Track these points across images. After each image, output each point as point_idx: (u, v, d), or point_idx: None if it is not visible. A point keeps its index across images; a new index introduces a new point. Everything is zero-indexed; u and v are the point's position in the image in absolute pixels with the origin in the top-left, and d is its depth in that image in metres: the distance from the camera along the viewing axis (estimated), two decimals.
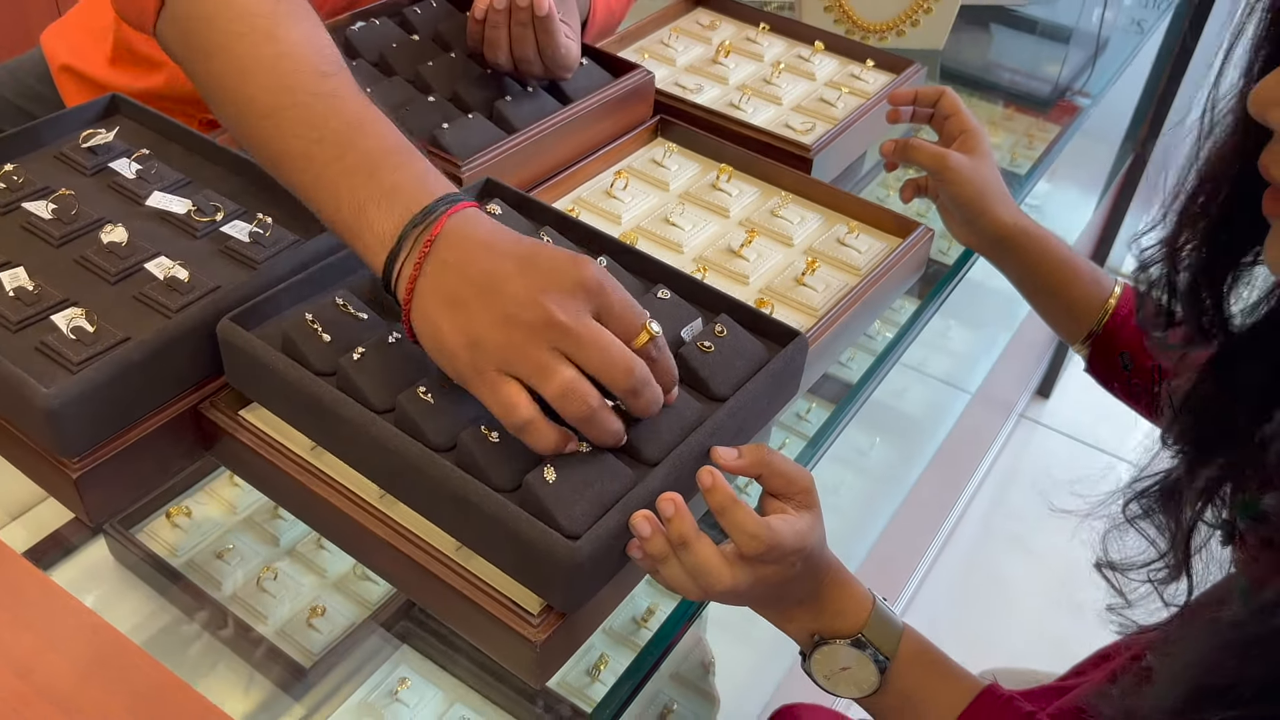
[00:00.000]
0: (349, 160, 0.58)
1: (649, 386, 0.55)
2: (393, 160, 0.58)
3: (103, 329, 0.63)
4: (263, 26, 0.61)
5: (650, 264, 0.71)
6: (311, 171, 0.59)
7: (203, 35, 0.63)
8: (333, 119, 0.59)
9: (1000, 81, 1.41)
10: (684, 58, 1.05)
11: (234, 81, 0.62)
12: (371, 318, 0.65)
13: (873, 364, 0.85)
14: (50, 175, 0.76)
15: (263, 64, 0.60)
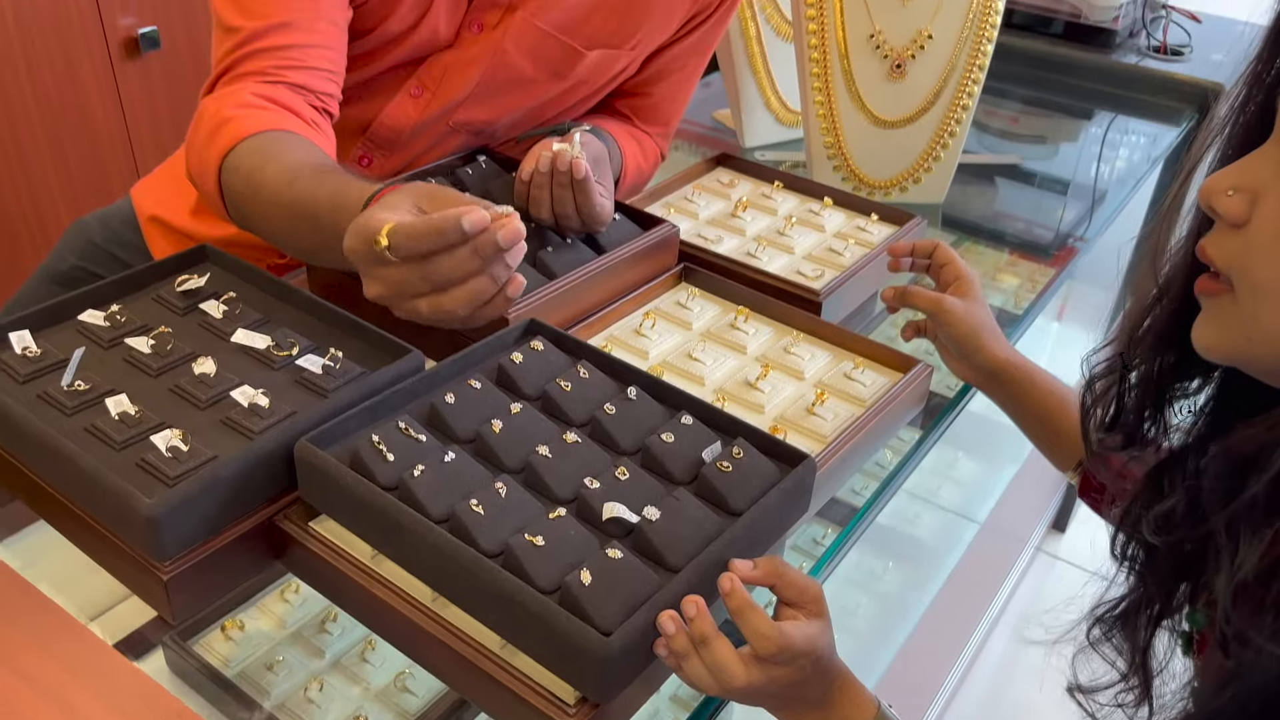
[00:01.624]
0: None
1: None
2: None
3: (195, 448, 0.72)
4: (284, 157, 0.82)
5: (675, 394, 0.80)
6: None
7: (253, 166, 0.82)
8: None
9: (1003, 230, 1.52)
10: (706, 212, 1.17)
11: (277, 176, 0.79)
12: (429, 440, 0.74)
13: (878, 488, 0.92)
14: (149, 314, 0.87)
15: (295, 164, 0.80)
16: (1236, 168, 0.56)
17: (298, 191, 0.79)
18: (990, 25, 1.22)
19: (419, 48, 1.03)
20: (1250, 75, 0.58)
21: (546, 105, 1.10)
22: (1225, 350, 0.56)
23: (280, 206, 0.81)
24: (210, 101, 0.90)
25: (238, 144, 0.85)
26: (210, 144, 0.87)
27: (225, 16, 0.91)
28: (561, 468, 0.72)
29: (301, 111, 0.89)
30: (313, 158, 0.81)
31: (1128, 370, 0.65)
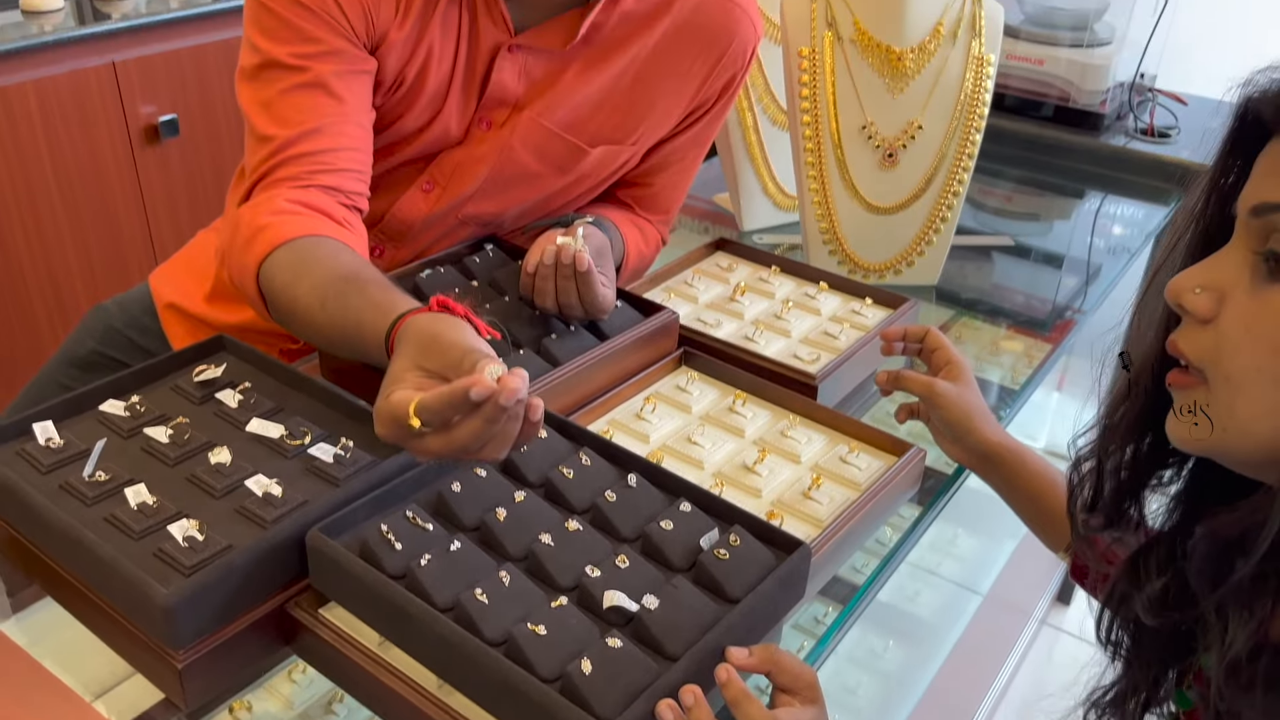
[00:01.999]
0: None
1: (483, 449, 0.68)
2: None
3: (210, 537, 0.75)
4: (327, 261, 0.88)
5: (673, 481, 0.82)
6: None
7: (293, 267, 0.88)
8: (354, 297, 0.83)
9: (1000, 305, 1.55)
10: (705, 296, 1.21)
11: (308, 296, 0.85)
12: (436, 528, 0.76)
13: (878, 566, 0.94)
14: (168, 404, 0.90)
15: (326, 279, 0.85)
16: (1202, 268, 0.59)
17: (329, 314, 0.83)
18: (979, 115, 1.27)
19: (431, 144, 1.08)
20: (1208, 183, 0.62)
21: (552, 198, 1.15)
22: (1201, 443, 0.59)
23: (313, 327, 0.87)
24: (246, 209, 0.94)
25: (273, 251, 0.90)
26: (247, 251, 0.91)
27: (259, 126, 0.96)
28: (563, 556, 0.74)
29: (333, 212, 0.94)
30: (340, 268, 0.85)
31: (1106, 455, 0.68)
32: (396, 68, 1.01)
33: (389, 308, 0.77)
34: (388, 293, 0.81)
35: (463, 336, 0.69)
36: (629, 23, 1.07)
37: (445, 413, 0.65)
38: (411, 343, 0.71)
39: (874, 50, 1.24)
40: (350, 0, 0.95)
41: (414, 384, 0.69)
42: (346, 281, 0.84)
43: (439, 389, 0.65)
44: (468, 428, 0.66)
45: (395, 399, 0.67)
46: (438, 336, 0.69)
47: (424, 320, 0.72)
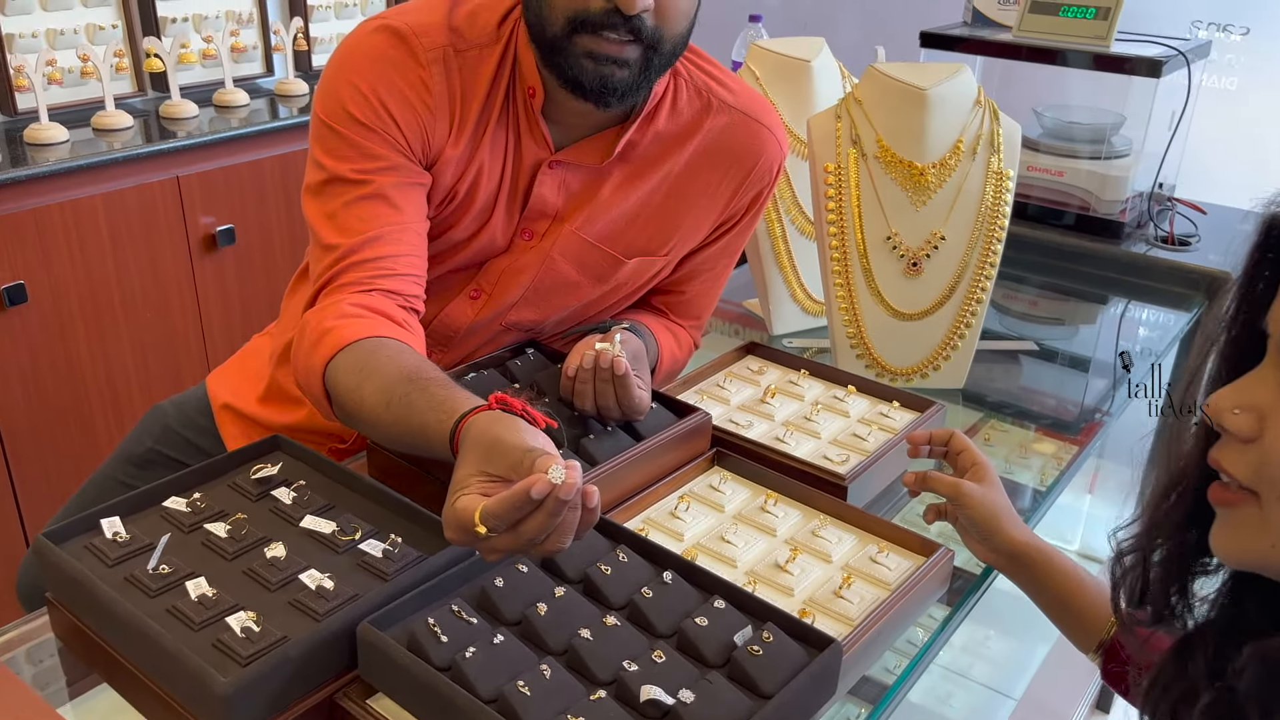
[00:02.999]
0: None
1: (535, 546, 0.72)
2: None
3: (266, 629, 0.79)
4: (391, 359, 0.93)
5: (708, 578, 0.86)
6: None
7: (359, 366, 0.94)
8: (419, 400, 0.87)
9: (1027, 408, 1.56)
10: (737, 398, 1.25)
11: (373, 397, 0.90)
12: (480, 622, 0.79)
13: (908, 666, 0.96)
14: (226, 501, 0.95)
15: (390, 380, 0.90)
16: (1238, 388, 0.60)
17: (394, 415, 0.88)
18: (999, 226, 1.32)
19: (478, 253, 1.15)
20: (1237, 292, 0.64)
21: (589, 305, 1.21)
22: (1250, 558, 0.60)
23: (379, 427, 0.92)
24: (313, 314, 1.00)
25: (338, 353, 0.95)
26: (314, 353, 0.97)
27: (324, 236, 1.04)
28: (602, 650, 0.77)
29: (393, 315, 1.00)
30: (403, 368, 0.91)
31: (1150, 550, 0.69)
32: (450, 183, 1.08)
33: (451, 408, 0.82)
34: (449, 390, 0.86)
35: (521, 438, 0.73)
36: (662, 142, 1.14)
37: (510, 515, 0.69)
38: (474, 448, 0.75)
39: (897, 166, 1.30)
40: (408, 120, 1.03)
41: (478, 489, 0.73)
42: (410, 382, 0.89)
43: (501, 494, 0.70)
44: (532, 524, 0.70)
45: (461, 506, 0.72)
46: (498, 440, 0.74)
47: (484, 422, 0.77)
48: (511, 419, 0.77)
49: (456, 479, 0.75)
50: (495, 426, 0.76)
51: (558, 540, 0.72)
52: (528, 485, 0.68)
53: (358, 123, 1.02)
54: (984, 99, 1.33)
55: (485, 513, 0.70)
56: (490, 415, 0.78)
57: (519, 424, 0.76)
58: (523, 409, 0.80)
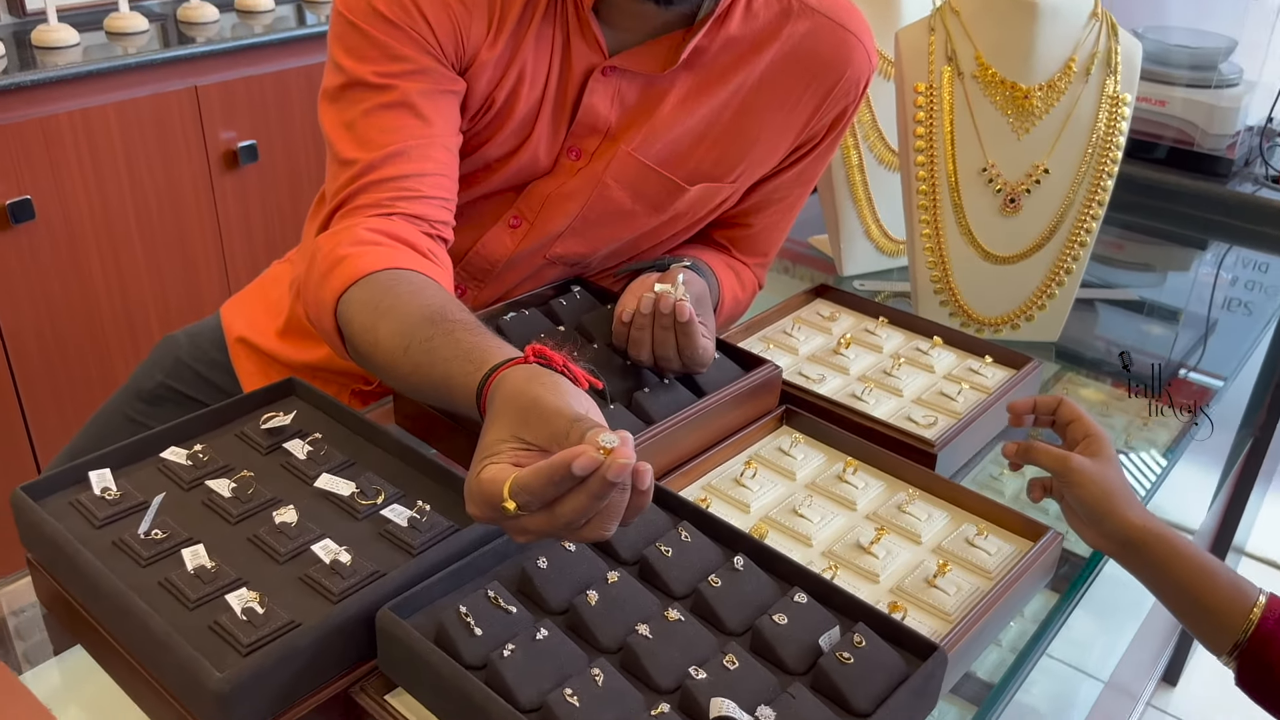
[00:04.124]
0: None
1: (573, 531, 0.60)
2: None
3: (271, 611, 0.67)
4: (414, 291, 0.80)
5: (786, 565, 0.73)
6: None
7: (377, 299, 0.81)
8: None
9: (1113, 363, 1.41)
10: (806, 347, 1.11)
11: (390, 339, 0.78)
12: (520, 611, 0.68)
13: (1014, 663, 0.83)
14: (232, 453, 0.83)
15: (409, 320, 0.77)
16: None
17: (414, 361, 0.76)
18: (1111, 160, 1.16)
19: (517, 174, 1.01)
20: None
21: (643, 238, 1.07)
22: None
23: (396, 374, 0.79)
24: (325, 239, 0.88)
25: (352, 285, 0.83)
26: (324, 285, 0.85)
27: (340, 149, 0.90)
28: (663, 651, 0.65)
29: (417, 243, 0.87)
30: (425, 307, 0.78)
31: None
32: (486, 90, 0.94)
33: (480, 358, 0.70)
34: (478, 336, 0.73)
35: (566, 402, 0.60)
36: (734, 49, 0.99)
37: (546, 492, 0.57)
38: (508, 408, 0.63)
39: (998, 87, 1.14)
40: (440, 18, 0.89)
41: (510, 458, 0.61)
42: (432, 324, 0.76)
43: (537, 465, 0.57)
44: (571, 504, 0.57)
45: (488, 476, 0.60)
46: (538, 402, 0.61)
47: (520, 379, 0.64)
48: (552, 377, 0.64)
49: (484, 444, 0.62)
50: (533, 385, 0.63)
51: (600, 526, 0.59)
52: (569, 457, 0.55)
53: (383, 19, 0.88)
54: (1101, 11, 1.15)
55: (517, 485, 0.57)
56: (526, 370, 0.65)
57: (561, 383, 0.63)
58: (563, 364, 0.67)
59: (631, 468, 0.56)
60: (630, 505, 0.59)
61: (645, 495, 0.59)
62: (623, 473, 0.56)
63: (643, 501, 0.60)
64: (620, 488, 0.57)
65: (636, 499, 0.59)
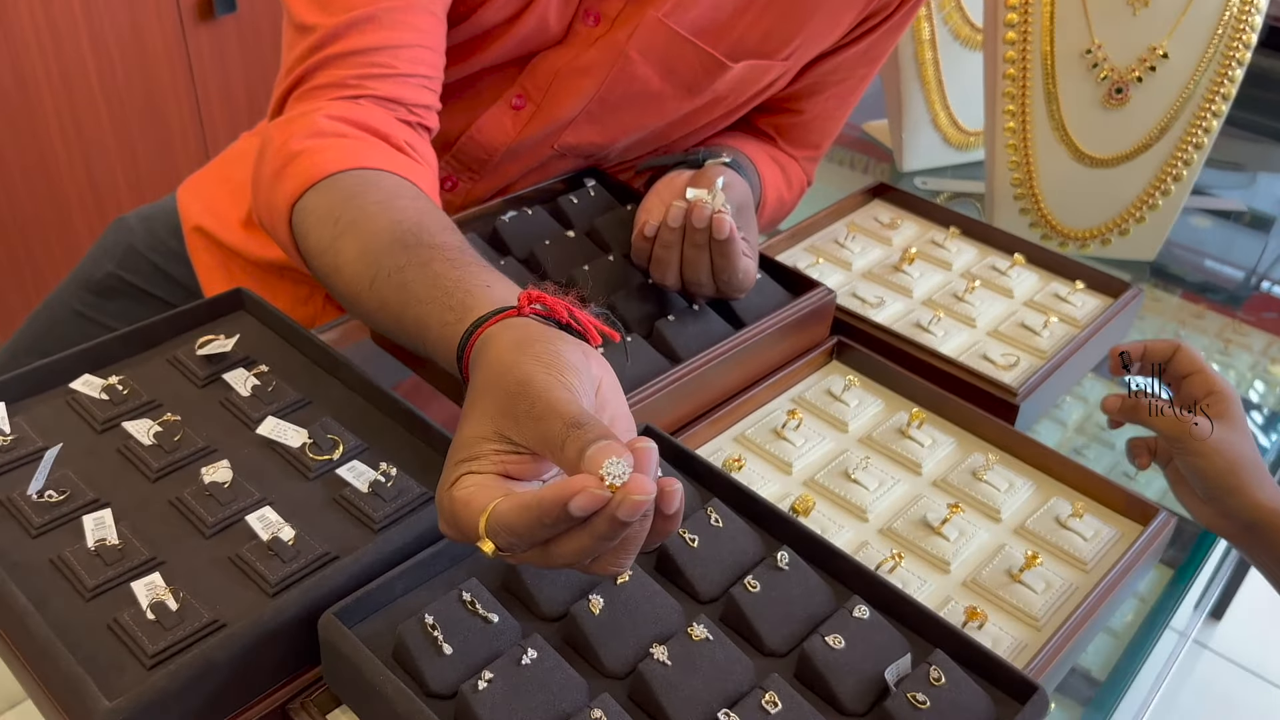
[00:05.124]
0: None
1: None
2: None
3: (188, 607, 0.53)
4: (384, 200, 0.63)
5: (845, 566, 0.58)
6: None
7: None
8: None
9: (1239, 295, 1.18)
10: (861, 261, 0.94)
11: (353, 265, 0.61)
12: (503, 619, 0.53)
13: (1123, 667, 0.69)
14: (159, 385, 0.68)
15: (377, 241, 0.61)
16: None
17: (380, 296, 0.60)
18: (1242, 44, 0.96)
19: (522, 44, 0.82)
20: None
21: (674, 126, 0.88)
22: None
23: (360, 308, 0.63)
24: (278, 128, 0.70)
25: (308, 191, 0.66)
26: (277, 186, 0.68)
27: (298, 12, 0.71)
28: (686, 682, 0.51)
29: (390, 133, 0.69)
30: (398, 225, 0.61)
31: None
32: None
33: (463, 303, 0.53)
34: (462, 270, 0.56)
35: (563, 397, 0.44)
36: None
37: (533, 534, 0.42)
38: (492, 391, 0.46)
39: None
40: None
41: (494, 463, 0.45)
42: (406, 248, 0.59)
43: (522, 501, 0.41)
44: (570, 547, 0.42)
45: (462, 498, 0.44)
46: (527, 386, 0.44)
47: (508, 346, 0.47)
48: (549, 342, 0.47)
49: (461, 438, 0.46)
50: (524, 358, 0.46)
51: (611, 563, 0.44)
52: (563, 495, 0.40)
53: None
54: None
55: (496, 522, 0.42)
56: (517, 332, 0.49)
57: (561, 353, 0.47)
58: (568, 314, 0.50)
59: (650, 502, 0.41)
60: (654, 532, 0.44)
61: (673, 520, 0.44)
62: (637, 511, 0.40)
63: (670, 527, 0.44)
64: (643, 516, 0.41)
65: (661, 524, 0.43)
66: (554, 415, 0.43)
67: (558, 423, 0.42)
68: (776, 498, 0.69)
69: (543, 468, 0.46)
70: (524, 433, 0.44)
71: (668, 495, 0.42)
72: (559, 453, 0.42)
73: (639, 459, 0.41)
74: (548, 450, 0.43)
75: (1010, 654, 0.60)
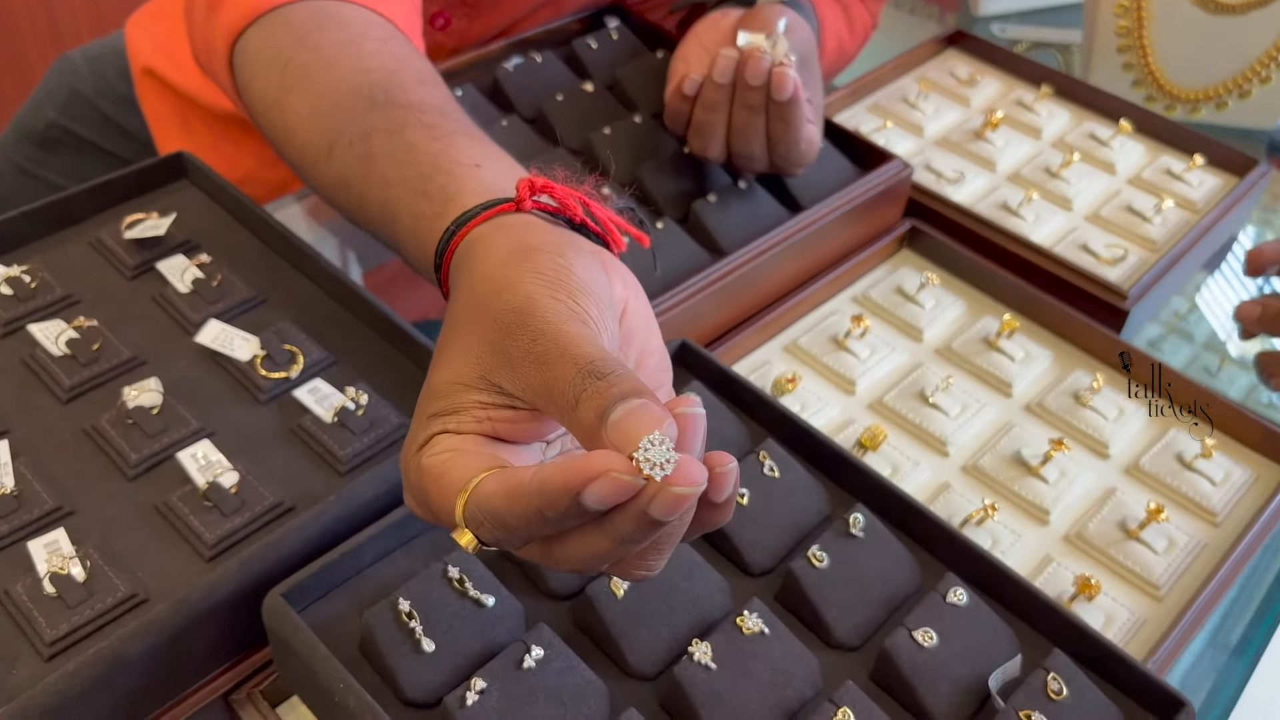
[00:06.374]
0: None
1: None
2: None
3: (99, 577, 0.42)
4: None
5: (931, 529, 0.46)
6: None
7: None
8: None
9: None
10: (935, 125, 0.78)
11: (306, 127, 0.48)
12: (501, 602, 0.41)
13: (1247, 630, 0.58)
14: (77, 277, 0.55)
15: (337, 96, 0.47)
16: None
17: (339, 170, 0.46)
18: None
19: None
20: None
21: None
22: None
23: (316, 180, 0.49)
24: None
25: (249, 26, 0.51)
26: (213, 18, 0.53)
27: None
28: (733, 691, 0.39)
29: None
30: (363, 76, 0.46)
31: None
32: None
33: (442, 191, 0.39)
34: (443, 143, 0.42)
35: (577, 331, 0.30)
36: None
37: (527, 528, 0.29)
38: (478, 318, 0.33)
39: None
40: None
41: (477, 421, 0.32)
42: (373, 108, 0.45)
43: (514, 484, 0.29)
44: (581, 548, 0.30)
45: (434, 468, 0.31)
46: (527, 315, 0.31)
47: (500, 257, 0.34)
48: (558, 251, 0.33)
49: (434, 384, 0.33)
50: (524, 273, 0.32)
51: (639, 565, 0.32)
52: (574, 480, 0.27)
53: None
54: None
55: (478, 507, 0.29)
56: (516, 232, 0.35)
57: (577, 269, 0.33)
58: (583, 209, 0.37)
59: (698, 496, 0.28)
60: (697, 523, 0.31)
61: (723, 510, 0.31)
62: (678, 508, 0.27)
63: (718, 518, 0.31)
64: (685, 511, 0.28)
65: (707, 515, 0.31)
66: (564, 358, 0.29)
67: (569, 368, 0.29)
68: (837, 426, 0.57)
69: (545, 427, 0.33)
70: (521, 380, 0.31)
71: (720, 479, 0.29)
72: (569, 411, 0.29)
73: (682, 432, 0.28)
74: (553, 406, 0.30)
75: (1126, 633, 0.49)
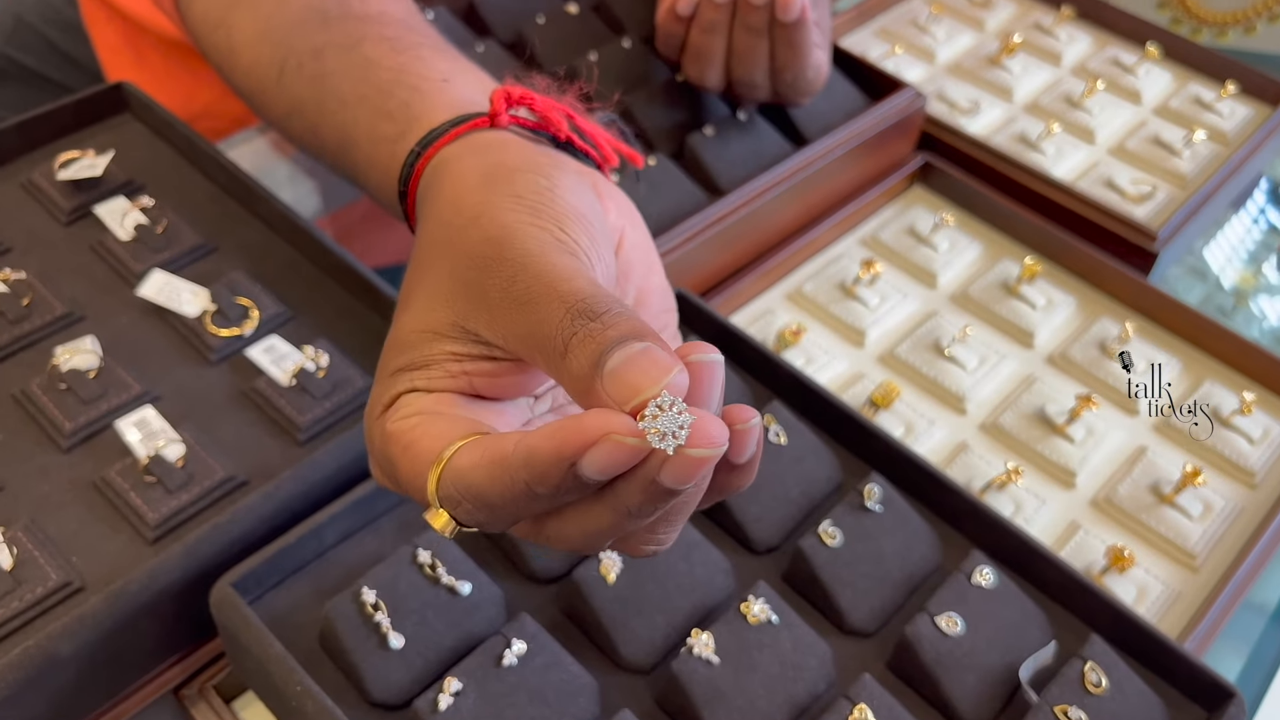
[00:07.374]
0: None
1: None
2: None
3: (29, 563, 0.37)
4: None
5: (954, 501, 0.41)
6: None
7: None
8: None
9: None
10: (947, 50, 0.73)
11: (253, 50, 0.43)
12: (478, 589, 0.37)
13: None
14: (6, 221, 0.49)
15: (279, 16, 0.42)
16: None
17: (290, 95, 0.41)
18: None
19: None
20: None
21: None
22: None
23: (267, 109, 0.43)
24: None
25: None
26: None
27: None
28: (738, 687, 0.35)
29: None
30: None
31: None
32: None
33: (405, 107, 0.34)
34: (406, 56, 0.37)
35: (565, 264, 0.25)
36: None
37: (513, 506, 0.24)
38: (449, 249, 0.28)
39: None
40: None
41: (449, 376, 0.27)
42: (326, 22, 0.40)
43: (496, 453, 0.24)
44: (579, 524, 0.25)
45: (401, 434, 0.27)
46: (505, 247, 0.26)
47: (474, 179, 0.29)
48: (545, 168, 0.29)
49: (400, 332, 0.28)
50: (501, 195, 0.27)
51: (647, 540, 0.27)
52: (567, 447, 0.23)
53: None
54: None
55: (453, 483, 0.25)
56: (491, 151, 0.30)
57: (562, 190, 0.28)
58: (568, 124, 0.32)
59: (717, 460, 0.23)
60: (714, 488, 0.26)
61: (745, 472, 0.26)
62: (695, 473, 0.23)
63: (740, 482, 0.26)
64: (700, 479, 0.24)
65: (726, 479, 0.26)
66: (549, 296, 0.24)
67: (555, 308, 0.24)
68: (846, 382, 0.52)
69: (531, 381, 0.28)
70: (500, 325, 0.26)
71: (742, 437, 0.24)
72: (558, 360, 0.24)
73: (696, 381, 0.24)
74: (539, 355, 0.25)
75: (1160, 607, 0.45)
